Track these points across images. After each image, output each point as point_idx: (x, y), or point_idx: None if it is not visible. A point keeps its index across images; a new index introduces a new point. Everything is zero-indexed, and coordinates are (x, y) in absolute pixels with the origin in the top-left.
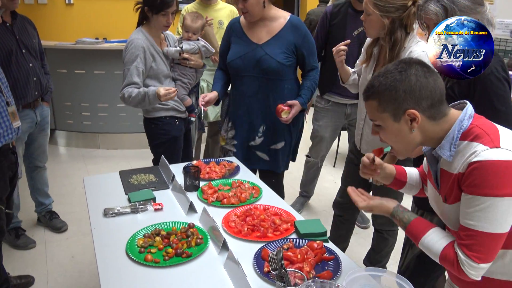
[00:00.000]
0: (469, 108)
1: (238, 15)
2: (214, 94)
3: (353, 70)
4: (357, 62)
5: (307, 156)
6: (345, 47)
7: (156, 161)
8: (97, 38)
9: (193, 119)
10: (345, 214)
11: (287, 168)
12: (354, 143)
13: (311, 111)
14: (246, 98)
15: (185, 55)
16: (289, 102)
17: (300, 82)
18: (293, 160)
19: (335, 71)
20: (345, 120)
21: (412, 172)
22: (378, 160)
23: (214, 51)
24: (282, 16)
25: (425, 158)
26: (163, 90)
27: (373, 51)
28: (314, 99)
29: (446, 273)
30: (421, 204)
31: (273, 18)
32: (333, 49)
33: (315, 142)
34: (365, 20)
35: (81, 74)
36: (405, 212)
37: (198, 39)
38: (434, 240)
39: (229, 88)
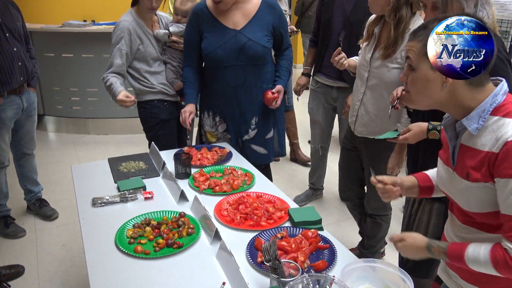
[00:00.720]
0: (505, 84)
1: None
2: (193, 109)
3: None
4: (360, 41)
5: (309, 142)
6: (341, 54)
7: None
8: (85, 21)
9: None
10: (350, 201)
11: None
12: (349, 127)
13: (306, 94)
14: (232, 89)
15: (174, 38)
16: (275, 89)
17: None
18: (283, 153)
19: (322, 50)
20: (334, 103)
21: (435, 173)
22: (390, 178)
23: None
24: None
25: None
26: (122, 96)
27: (374, 30)
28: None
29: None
30: None
31: (245, 0)
32: (331, 61)
33: (310, 125)
34: None
35: (69, 57)
36: (436, 241)
37: None
38: (477, 250)
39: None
